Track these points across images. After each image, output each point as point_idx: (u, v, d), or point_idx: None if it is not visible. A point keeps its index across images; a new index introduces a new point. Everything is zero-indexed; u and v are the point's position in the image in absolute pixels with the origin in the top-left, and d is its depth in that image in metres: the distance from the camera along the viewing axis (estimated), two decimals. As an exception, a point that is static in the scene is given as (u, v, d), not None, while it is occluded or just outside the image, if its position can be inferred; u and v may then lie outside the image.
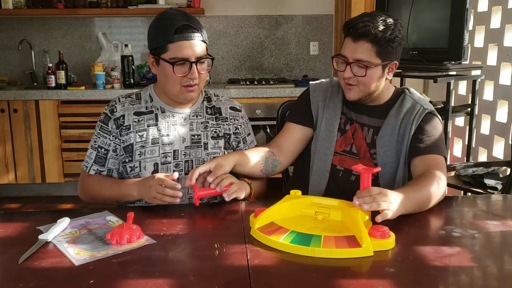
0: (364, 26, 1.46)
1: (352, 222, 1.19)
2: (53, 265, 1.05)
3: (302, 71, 4.23)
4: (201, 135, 1.60)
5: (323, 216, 1.27)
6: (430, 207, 1.38)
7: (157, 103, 1.60)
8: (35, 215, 1.41)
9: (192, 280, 0.99)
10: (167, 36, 1.47)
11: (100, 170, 1.58)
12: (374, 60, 1.49)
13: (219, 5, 4.09)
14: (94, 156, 1.58)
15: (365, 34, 1.46)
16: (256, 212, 1.27)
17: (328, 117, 1.63)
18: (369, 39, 1.46)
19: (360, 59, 1.49)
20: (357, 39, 1.48)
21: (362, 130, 1.61)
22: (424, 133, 1.52)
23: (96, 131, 1.59)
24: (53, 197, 3.86)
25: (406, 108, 1.57)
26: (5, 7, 3.82)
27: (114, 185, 1.52)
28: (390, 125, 1.56)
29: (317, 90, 1.69)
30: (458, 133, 3.30)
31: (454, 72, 2.72)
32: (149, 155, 1.55)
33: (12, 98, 3.55)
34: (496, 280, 1.01)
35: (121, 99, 1.61)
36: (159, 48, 1.49)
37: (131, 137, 1.56)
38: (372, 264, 1.07)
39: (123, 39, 4.06)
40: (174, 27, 1.46)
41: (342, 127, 1.63)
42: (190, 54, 1.49)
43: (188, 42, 1.48)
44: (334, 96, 1.66)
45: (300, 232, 1.18)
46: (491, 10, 2.86)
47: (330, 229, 1.21)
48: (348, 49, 1.51)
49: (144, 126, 1.57)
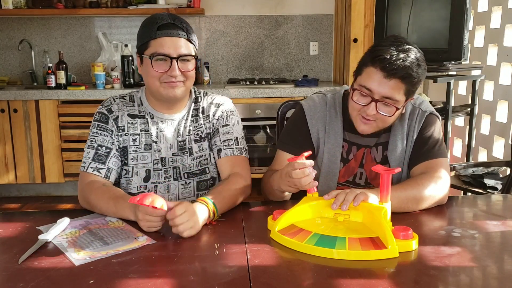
0: (404, 67, 1.32)
1: (375, 223, 1.17)
2: (53, 265, 1.05)
3: (302, 71, 4.23)
4: (186, 140, 1.56)
5: (344, 218, 1.24)
6: (431, 207, 1.38)
7: (147, 108, 1.56)
8: (35, 215, 1.41)
9: (192, 280, 0.99)
10: (150, 32, 1.44)
11: (99, 167, 1.47)
12: (402, 98, 1.37)
13: (219, 5, 4.08)
14: (92, 155, 1.48)
15: (405, 76, 1.33)
16: (274, 215, 1.25)
17: (330, 147, 1.53)
18: (404, 81, 1.34)
19: (392, 97, 1.36)
20: (392, 77, 1.33)
21: (371, 152, 1.53)
22: (426, 139, 1.49)
23: (93, 130, 1.52)
24: (53, 197, 3.86)
25: (408, 114, 1.51)
26: (5, 7, 3.82)
27: (110, 202, 1.35)
28: (398, 135, 1.51)
29: (314, 117, 1.54)
30: (458, 133, 3.30)
31: (454, 72, 2.72)
32: (141, 160, 1.53)
33: (12, 98, 3.55)
34: (496, 280, 1.01)
35: (116, 100, 1.57)
36: (142, 46, 1.47)
37: (126, 139, 1.53)
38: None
39: (123, 39, 4.07)
40: (158, 24, 1.44)
41: (344, 157, 1.54)
42: (171, 51, 1.44)
43: (170, 39, 1.44)
44: (333, 121, 1.53)
45: (324, 234, 1.16)
46: (491, 10, 2.86)
47: (353, 231, 1.18)
48: (377, 84, 1.35)
49: (137, 130, 1.54)
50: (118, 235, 1.22)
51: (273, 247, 1.14)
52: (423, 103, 1.54)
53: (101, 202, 1.37)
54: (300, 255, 1.10)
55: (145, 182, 1.54)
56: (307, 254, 1.10)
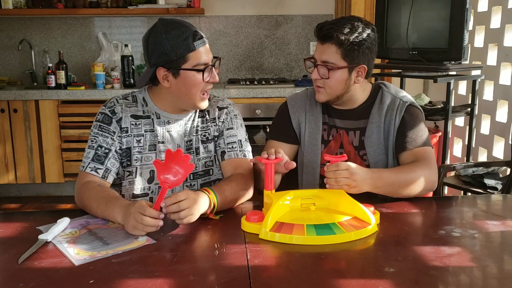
0: (329, 29, 1.50)
1: (349, 205, 1.29)
2: (53, 265, 1.05)
3: (302, 71, 4.23)
4: (192, 140, 1.56)
5: (314, 207, 1.32)
6: (421, 194, 1.45)
7: (152, 108, 1.55)
8: (35, 215, 1.41)
9: (192, 280, 0.99)
10: (188, 46, 1.42)
11: (97, 167, 1.46)
12: (340, 62, 1.51)
13: (219, 5, 4.08)
14: (92, 155, 1.48)
15: (329, 36, 1.49)
16: (247, 216, 1.26)
17: (310, 131, 1.64)
18: (333, 42, 1.50)
19: (326, 60, 1.52)
20: (324, 41, 1.52)
21: (348, 134, 1.62)
22: (408, 126, 1.56)
23: (94, 131, 1.52)
24: (53, 197, 3.86)
25: (386, 104, 1.59)
26: (5, 7, 3.82)
27: (102, 201, 1.34)
28: (374, 123, 1.59)
29: (295, 105, 1.68)
30: (458, 133, 3.30)
31: (454, 72, 2.72)
32: (145, 161, 1.52)
33: (12, 98, 3.55)
34: (496, 280, 1.01)
35: (119, 100, 1.55)
36: (178, 60, 1.43)
37: (129, 141, 1.52)
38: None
39: (123, 39, 4.06)
40: (190, 35, 1.43)
41: (325, 139, 1.65)
42: (209, 58, 1.47)
43: (203, 48, 1.46)
44: (313, 107, 1.66)
45: (316, 224, 1.22)
46: (491, 10, 2.86)
47: (333, 216, 1.27)
48: (316, 51, 1.55)
49: (141, 131, 1.53)
50: (118, 235, 1.22)
51: (273, 247, 1.14)
52: (405, 96, 1.63)
53: (92, 201, 1.35)
54: (298, 252, 1.10)
55: (149, 183, 1.54)
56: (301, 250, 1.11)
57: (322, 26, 1.52)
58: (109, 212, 1.30)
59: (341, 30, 1.49)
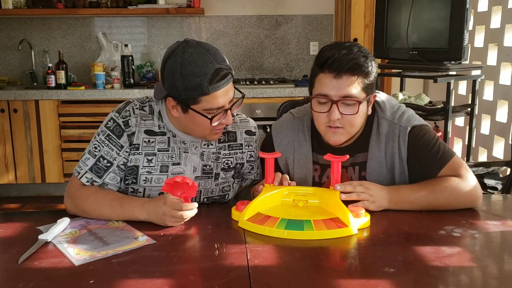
0: (349, 59, 1.30)
1: (334, 206, 1.28)
2: (53, 265, 1.05)
3: (302, 71, 4.23)
4: (212, 166, 1.46)
5: (303, 203, 1.33)
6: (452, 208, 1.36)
7: (167, 125, 1.42)
8: (35, 215, 1.41)
9: (192, 280, 0.99)
10: (201, 89, 1.27)
11: (94, 180, 1.37)
12: (361, 95, 1.34)
13: (219, 5, 4.08)
14: (91, 164, 1.37)
15: (353, 68, 1.31)
16: (237, 206, 1.32)
17: (299, 171, 1.49)
18: (357, 73, 1.32)
19: (349, 95, 1.32)
20: (341, 74, 1.31)
21: (347, 171, 1.47)
22: (420, 154, 1.39)
23: (100, 137, 1.39)
24: (53, 197, 3.86)
25: (384, 134, 1.42)
26: (5, 7, 3.82)
27: (115, 202, 1.29)
28: (375, 159, 1.43)
29: (281, 143, 1.51)
30: (458, 133, 3.31)
31: (454, 72, 2.72)
32: (155, 183, 1.41)
33: (12, 98, 3.55)
34: (496, 280, 1.01)
35: (136, 111, 1.41)
36: (189, 99, 1.30)
37: (139, 159, 1.39)
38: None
39: (123, 39, 4.06)
40: (207, 77, 1.26)
41: (316, 181, 1.49)
42: (225, 101, 1.32)
43: (222, 91, 1.29)
44: (301, 144, 1.49)
45: (290, 219, 1.24)
46: (491, 10, 2.86)
47: (314, 214, 1.28)
48: (330, 87, 1.32)
49: (154, 150, 1.40)
50: (118, 235, 1.22)
51: (273, 247, 1.14)
52: (402, 116, 1.43)
53: (101, 204, 1.30)
54: (298, 252, 1.10)
55: None
56: (301, 249, 1.11)
57: (337, 57, 1.30)
58: (129, 213, 1.29)
59: (358, 59, 1.32)
